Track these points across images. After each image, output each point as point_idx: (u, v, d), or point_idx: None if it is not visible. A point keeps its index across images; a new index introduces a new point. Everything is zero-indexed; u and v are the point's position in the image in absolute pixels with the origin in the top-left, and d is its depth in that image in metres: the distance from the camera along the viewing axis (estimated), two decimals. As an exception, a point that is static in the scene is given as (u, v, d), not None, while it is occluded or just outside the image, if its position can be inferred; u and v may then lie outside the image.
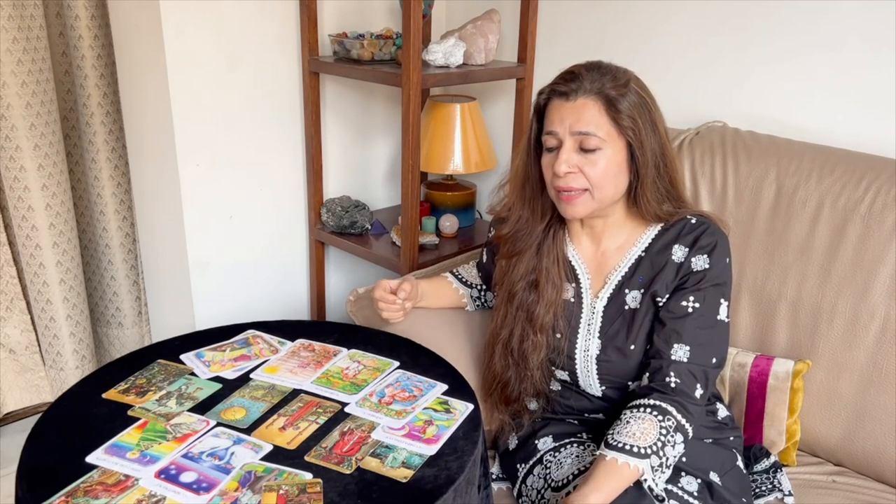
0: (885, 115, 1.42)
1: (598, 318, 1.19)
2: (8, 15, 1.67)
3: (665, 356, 1.10)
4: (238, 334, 1.27)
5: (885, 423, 1.26)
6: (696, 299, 1.12)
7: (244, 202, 1.87)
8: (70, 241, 1.90)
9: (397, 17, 2.01)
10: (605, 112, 1.08)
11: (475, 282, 1.44)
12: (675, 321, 1.12)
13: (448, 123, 1.88)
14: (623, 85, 1.09)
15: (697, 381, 1.09)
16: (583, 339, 1.20)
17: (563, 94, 1.11)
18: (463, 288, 1.44)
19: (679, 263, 1.14)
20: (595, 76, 1.10)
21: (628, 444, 1.03)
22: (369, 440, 0.99)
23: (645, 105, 1.11)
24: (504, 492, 1.27)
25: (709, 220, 1.17)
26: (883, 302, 1.27)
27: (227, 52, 1.73)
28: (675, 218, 1.17)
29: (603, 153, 1.09)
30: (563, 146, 1.10)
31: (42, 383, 1.98)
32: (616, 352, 1.17)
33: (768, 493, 1.25)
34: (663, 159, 1.14)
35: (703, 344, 1.11)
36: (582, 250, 1.24)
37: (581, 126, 1.08)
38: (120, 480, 0.89)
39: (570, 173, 1.10)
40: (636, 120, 1.09)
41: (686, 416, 1.07)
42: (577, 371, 1.21)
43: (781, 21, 1.51)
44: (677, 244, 1.15)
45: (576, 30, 1.86)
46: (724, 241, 1.15)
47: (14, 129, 1.73)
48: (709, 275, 1.12)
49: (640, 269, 1.18)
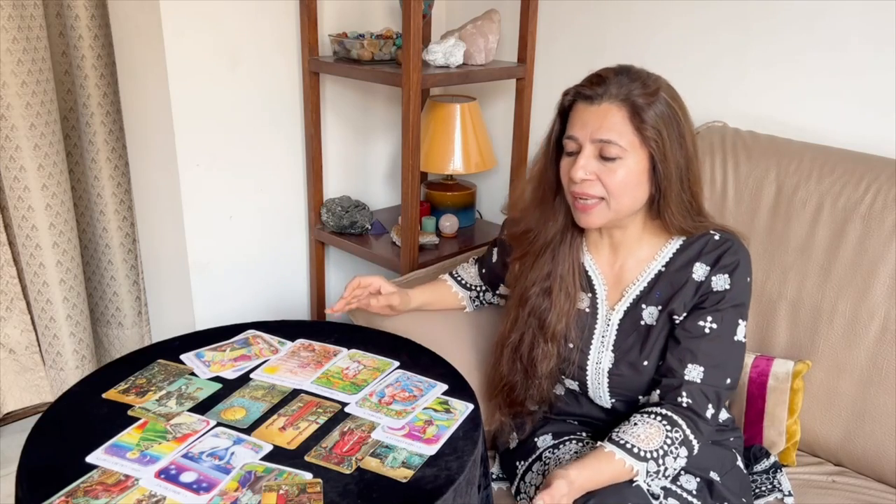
0: (885, 115, 1.42)
1: (612, 330, 1.17)
2: (8, 15, 1.67)
3: (678, 375, 1.09)
4: (238, 334, 1.27)
5: (885, 423, 1.26)
6: (713, 320, 1.09)
7: (244, 202, 1.87)
8: (70, 241, 1.90)
9: (397, 17, 2.01)
10: (629, 120, 1.04)
11: (474, 282, 1.43)
12: (691, 340, 1.09)
13: (448, 123, 1.88)
14: (652, 93, 1.04)
15: (709, 401, 1.07)
16: (595, 352, 1.18)
17: (588, 98, 1.06)
18: (462, 291, 1.43)
19: (699, 282, 1.11)
20: (623, 81, 1.05)
21: (630, 442, 1.03)
22: (369, 440, 0.99)
23: (674, 116, 1.06)
24: (504, 491, 1.27)
25: (732, 236, 1.13)
26: (883, 302, 1.27)
27: (227, 52, 1.73)
28: (698, 232, 1.13)
29: (623, 162, 1.05)
30: (582, 152, 1.06)
31: (42, 383, 1.98)
32: (629, 367, 1.15)
33: (768, 493, 1.25)
34: (687, 174, 1.09)
35: (718, 365, 1.08)
36: (600, 260, 1.20)
37: (602, 133, 1.04)
38: (120, 480, 0.89)
39: (587, 180, 1.07)
40: (661, 131, 1.04)
41: (695, 433, 1.06)
42: (587, 382, 1.20)
43: (781, 21, 1.51)
44: (699, 262, 1.12)
45: (576, 30, 1.86)
46: (747, 259, 1.12)
47: (14, 129, 1.73)
48: (728, 295, 1.09)
49: (658, 285, 1.15)
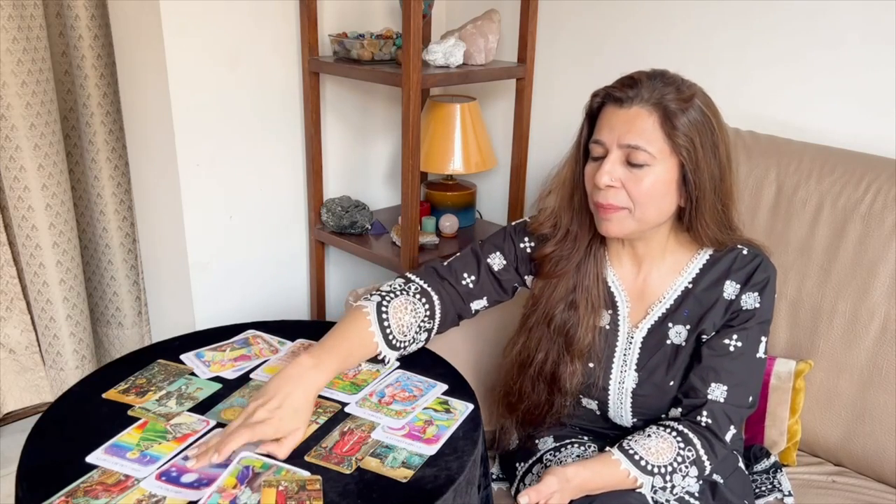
0: (885, 115, 1.42)
1: (635, 349, 1.14)
2: (8, 15, 1.67)
3: (701, 395, 1.07)
4: (238, 334, 1.27)
5: (885, 423, 1.26)
6: (739, 338, 1.07)
7: (244, 202, 1.87)
8: (70, 241, 1.90)
9: (397, 17, 2.01)
10: (659, 126, 0.99)
11: (406, 338, 1.13)
12: (715, 359, 1.07)
13: (448, 123, 1.88)
14: (686, 99, 1.00)
15: (731, 422, 1.06)
16: (617, 371, 1.14)
17: (618, 101, 1.01)
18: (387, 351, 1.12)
19: (730, 301, 1.08)
20: (656, 85, 1.00)
21: (639, 454, 1.02)
22: (369, 440, 0.99)
23: (708, 125, 1.01)
24: (504, 492, 1.27)
25: (759, 251, 1.11)
26: (883, 302, 1.27)
27: (227, 53, 1.73)
28: (727, 246, 1.10)
29: (651, 170, 1.00)
30: (609, 157, 1.01)
31: (42, 383, 1.98)
32: (654, 387, 1.12)
33: (768, 493, 1.25)
34: (721, 185, 1.04)
35: (741, 384, 1.07)
36: (622, 274, 1.15)
37: (630, 138, 0.99)
38: (120, 480, 0.89)
39: (612, 188, 1.01)
40: (694, 140, 0.99)
41: (709, 454, 1.04)
42: (608, 402, 1.16)
43: (781, 21, 1.51)
44: (729, 280, 1.09)
45: (576, 30, 1.86)
46: (775, 276, 1.10)
47: (14, 129, 1.73)
48: (757, 314, 1.07)
49: (686, 303, 1.11)
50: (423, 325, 1.14)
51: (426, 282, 1.16)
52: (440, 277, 1.18)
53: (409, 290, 1.15)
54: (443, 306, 1.16)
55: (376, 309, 1.10)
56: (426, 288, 1.16)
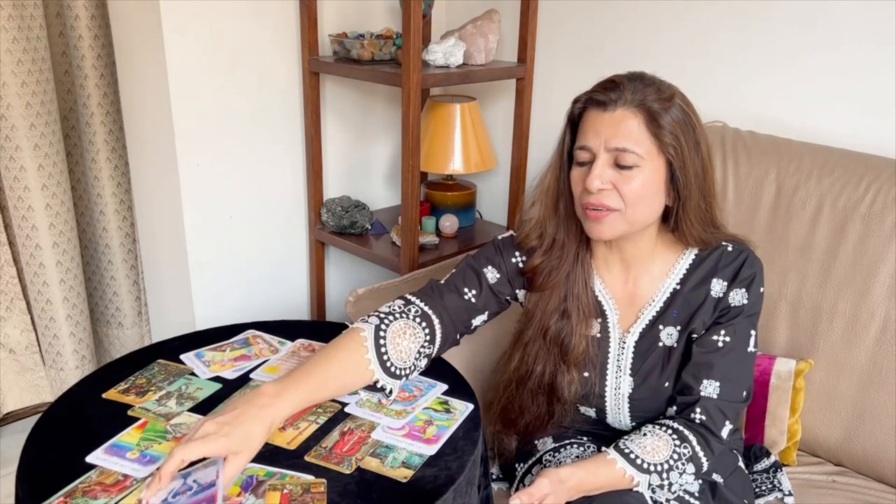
0: (885, 116, 1.42)
1: (628, 354, 1.14)
2: (8, 15, 1.67)
3: (694, 392, 1.07)
4: (238, 334, 1.27)
5: (885, 423, 1.26)
6: (727, 333, 1.08)
7: (244, 202, 1.87)
8: (70, 241, 1.90)
9: (397, 17, 2.01)
10: (645, 126, 1.00)
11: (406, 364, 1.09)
12: (706, 356, 1.08)
13: (448, 123, 1.88)
14: (667, 99, 1.01)
15: (727, 418, 1.07)
16: (612, 377, 1.15)
17: (601, 104, 1.01)
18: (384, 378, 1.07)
19: (718, 298, 1.09)
20: (637, 86, 1.01)
21: (634, 453, 1.02)
22: (369, 440, 0.99)
23: (689, 122, 1.02)
24: (504, 492, 1.27)
25: (744, 246, 1.11)
26: (883, 302, 1.27)
27: (227, 52, 1.73)
28: (712, 244, 1.10)
29: (640, 171, 1.00)
30: (597, 161, 1.01)
31: (42, 383, 1.98)
32: (650, 390, 1.13)
33: (768, 492, 1.25)
34: (704, 183, 1.05)
35: (733, 378, 1.07)
36: (610, 281, 1.15)
37: (618, 141, 1.00)
38: (118, 480, 0.88)
39: (604, 190, 1.02)
40: (679, 138, 1.00)
41: (705, 451, 1.05)
42: (606, 409, 1.17)
43: (781, 21, 1.51)
44: (716, 277, 1.09)
45: (576, 30, 1.86)
46: (761, 270, 1.10)
47: (14, 129, 1.73)
48: (745, 309, 1.08)
49: (674, 304, 1.11)
50: (422, 350, 1.10)
51: (426, 303, 1.13)
52: (441, 295, 1.14)
53: (408, 312, 1.10)
54: (443, 329, 1.13)
55: (374, 333, 1.05)
56: (426, 311, 1.12)
